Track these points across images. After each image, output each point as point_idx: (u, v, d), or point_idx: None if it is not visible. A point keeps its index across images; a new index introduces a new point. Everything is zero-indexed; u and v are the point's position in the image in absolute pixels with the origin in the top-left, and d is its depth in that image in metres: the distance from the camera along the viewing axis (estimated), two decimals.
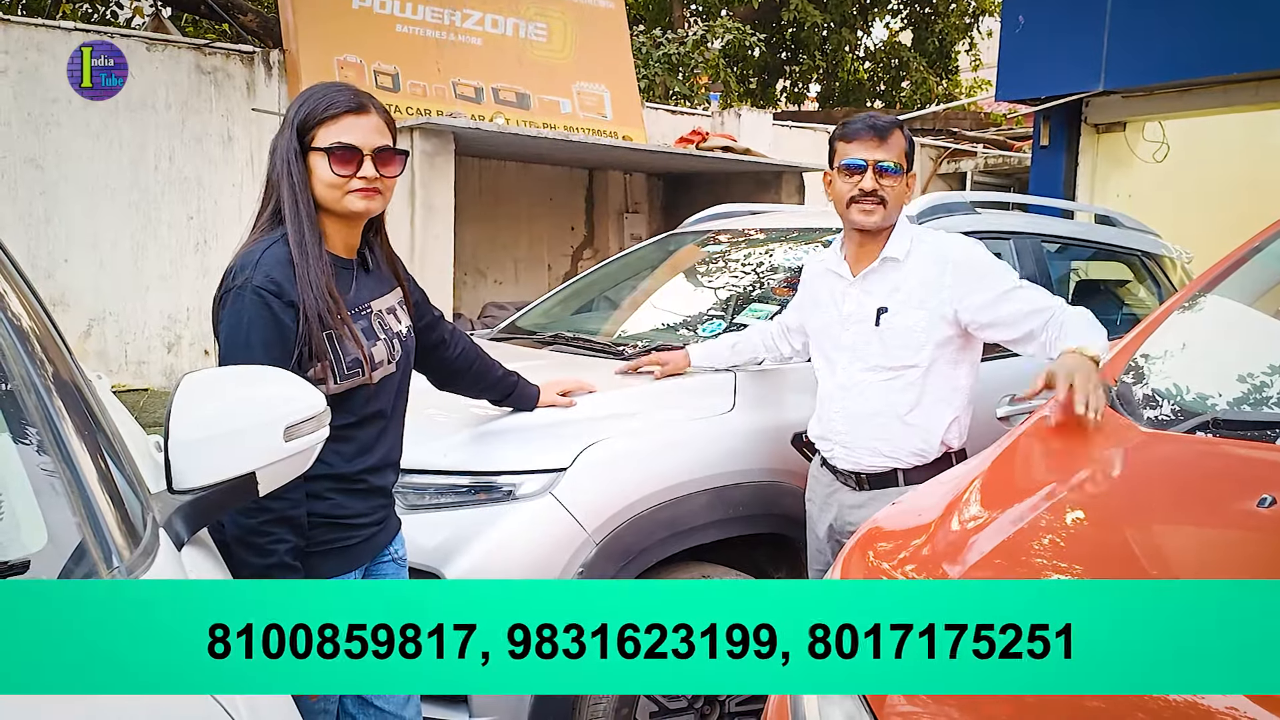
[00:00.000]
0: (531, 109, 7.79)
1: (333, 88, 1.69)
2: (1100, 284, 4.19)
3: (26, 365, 1.18)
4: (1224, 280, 2.09)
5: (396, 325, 1.80)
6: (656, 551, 2.29)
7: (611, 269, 3.85)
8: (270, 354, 1.56)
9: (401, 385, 1.82)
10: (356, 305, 1.71)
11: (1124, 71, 5.83)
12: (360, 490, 1.74)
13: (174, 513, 1.21)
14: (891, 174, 2.17)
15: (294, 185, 1.64)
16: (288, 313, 1.59)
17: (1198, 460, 1.57)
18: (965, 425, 2.27)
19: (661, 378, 2.55)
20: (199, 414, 1.23)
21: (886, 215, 2.18)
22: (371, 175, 1.65)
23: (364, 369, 1.66)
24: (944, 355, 2.19)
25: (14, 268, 1.70)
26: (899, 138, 2.20)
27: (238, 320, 1.58)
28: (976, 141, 11.11)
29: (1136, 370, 1.94)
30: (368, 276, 1.77)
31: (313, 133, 1.65)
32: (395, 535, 1.88)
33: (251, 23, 9.00)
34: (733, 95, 13.16)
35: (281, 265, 1.60)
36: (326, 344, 1.61)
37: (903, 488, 2.18)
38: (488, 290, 8.06)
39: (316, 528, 1.67)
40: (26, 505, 1.03)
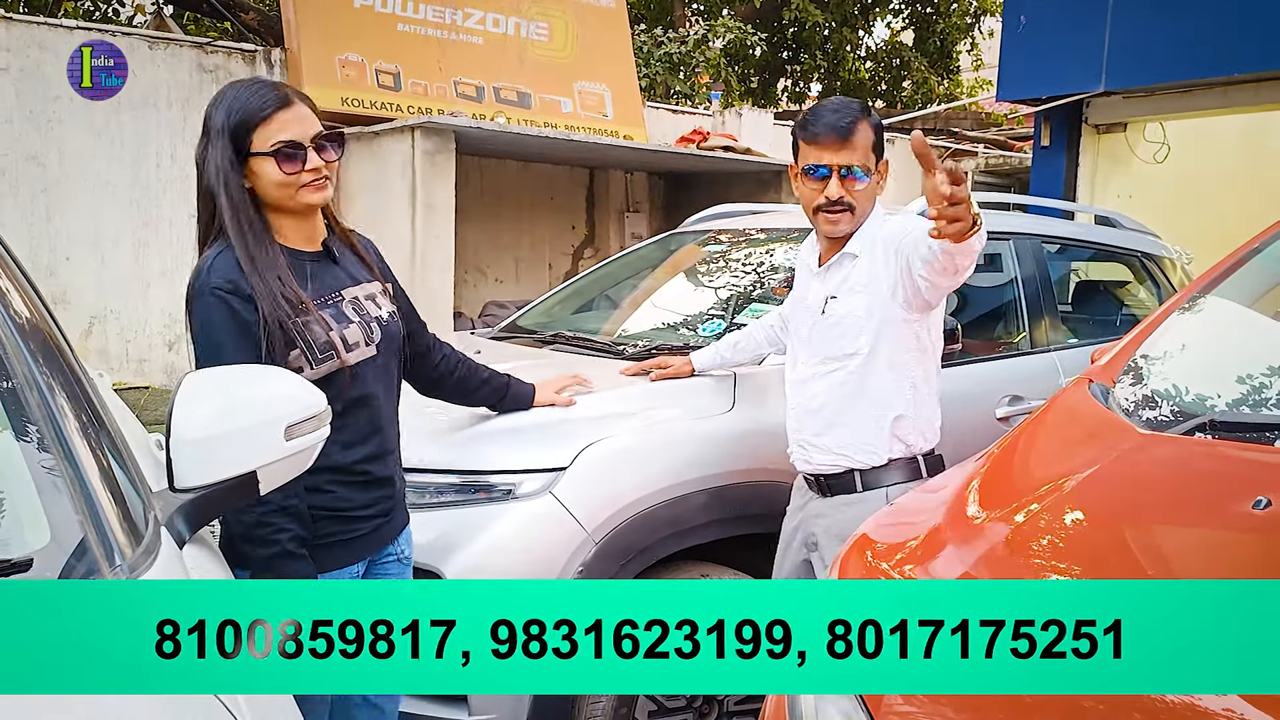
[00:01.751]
0: (533, 108, 7.80)
1: (252, 87, 1.67)
2: (1100, 285, 4.20)
3: (29, 363, 1.18)
4: (1223, 281, 2.09)
5: (376, 310, 1.80)
6: (656, 551, 2.30)
7: (612, 268, 3.86)
8: (239, 349, 1.60)
9: (387, 369, 1.81)
10: (324, 293, 1.72)
11: (1125, 72, 5.83)
12: (361, 482, 1.75)
13: (175, 511, 1.21)
14: (859, 179, 2.04)
15: (231, 195, 1.63)
16: (247, 308, 1.62)
17: (1195, 462, 1.58)
18: (925, 426, 2.16)
19: (657, 379, 2.54)
20: (201, 413, 1.23)
21: (856, 220, 2.07)
22: (318, 165, 1.66)
23: (336, 352, 1.68)
24: (888, 342, 2.07)
25: (16, 265, 1.71)
26: (864, 131, 2.03)
27: (203, 323, 1.63)
28: (977, 141, 11.11)
29: (1135, 371, 1.95)
30: (336, 266, 1.78)
31: (250, 137, 1.63)
32: (402, 531, 1.89)
33: (253, 21, 9.00)
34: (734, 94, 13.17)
35: (234, 267, 1.62)
36: (295, 332, 1.64)
37: (862, 493, 2.11)
38: (489, 289, 8.07)
39: (319, 520, 1.68)
40: (29, 503, 1.03)
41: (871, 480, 2.12)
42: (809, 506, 2.22)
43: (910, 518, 1.70)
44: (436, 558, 2.12)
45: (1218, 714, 1.02)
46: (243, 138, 1.63)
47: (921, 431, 2.15)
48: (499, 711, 2.11)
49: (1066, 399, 2.00)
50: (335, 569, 1.73)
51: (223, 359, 1.56)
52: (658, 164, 8.25)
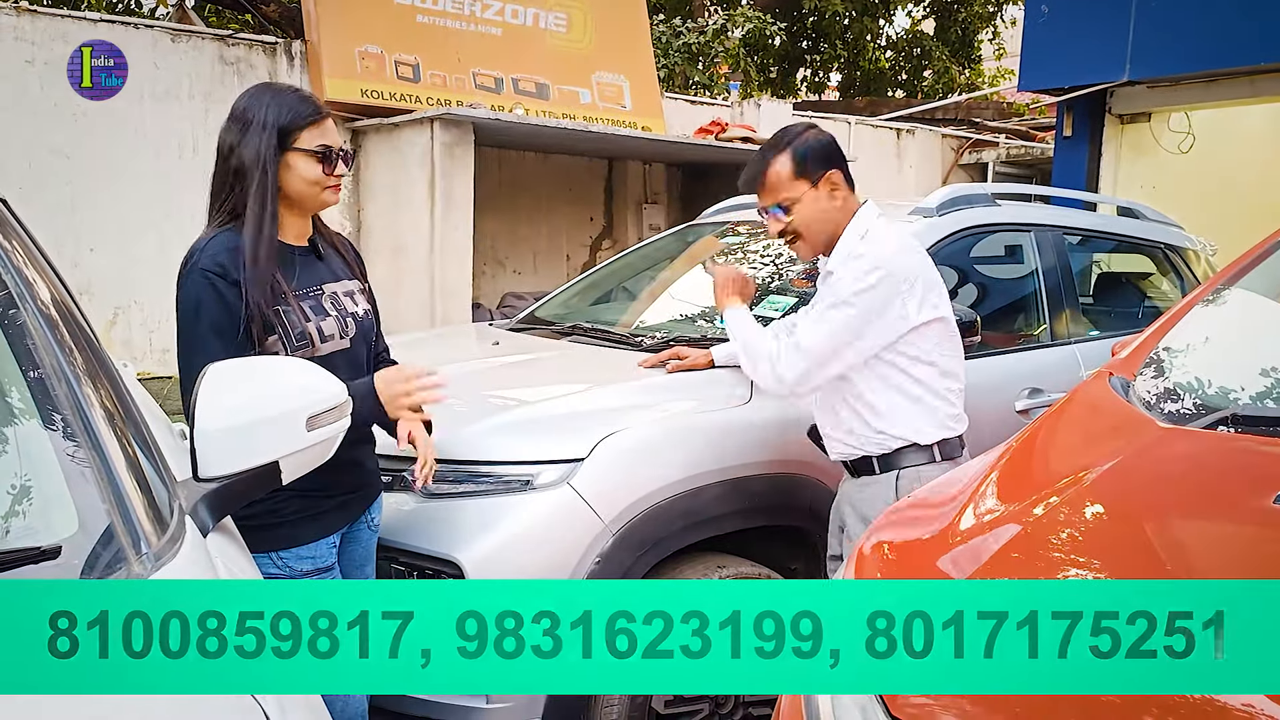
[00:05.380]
0: (551, 99, 7.79)
1: (300, 94, 1.88)
2: (1123, 276, 4.16)
3: (57, 353, 1.20)
4: (1248, 274, 2.07)
5: (353, 307, 1.95)
6: (673, 542, 2.31)
7: (630, 260, 3.86)
8: (217, 330, 1.75)
9: (356, 361, 1.94)
10: (307, 286, 1.87)
11: (1150, 61, 5.76)
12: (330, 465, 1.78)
13: (200, 500, 1.23)
14: (784, 212, 2.19)
15: (265, 181, 1.79)
16: (232, 292, 1.75)
17: (1217, 456, 1.57)
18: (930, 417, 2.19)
19: (674, 371, 2.55)
20: (224, 404, 1.25)
21: (813, 242, 2.22)
22: (342, 173, 1.88)
23: (311, 342, 1.82)
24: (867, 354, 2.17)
25: (43, 257, 1.74)
26: (775, 170, 2.18)
27: (188, 300, 1.77)
28: (999, 132, 11.01)
29: (1157, 364, 1.93)
30: (320, 262, 1.94)
31: (296, 135, 1.81)
32: (373, 503, 2.04)
33: (274, 13, 9.04)
34: (753, 85, 13.11)
35: (228, 251, 1.77)
36: (275, 319, 1.78)
37: (879, 475, 2.20)
38: (507, 280, 8.08)
39: (291, 499, 1.77)
40: (57, 491, 1.05)
41: (886, 463, 2.21)
42: (842, 489, 2.34)
43: (928, 511, 1.70)
44: (454, 548, 2.13)
45: (1236, 710, 1.01)
46: (289, 134, 1.81)
47: (927, 427, 2.19)
48: (516, 700, 2.13)
49: (1087, 392, 1.98)
50: (311, 541, 1.86)
51: (198, 334, 1.74)
52: (676, 155, 8.23)
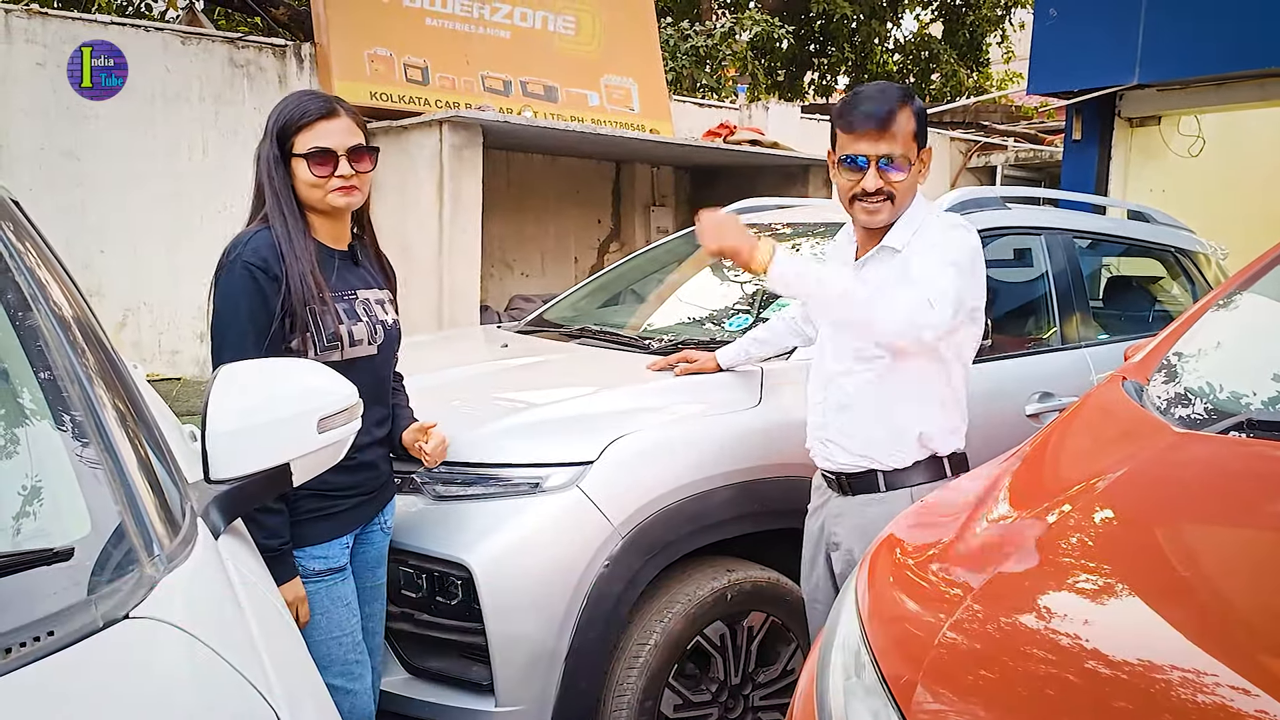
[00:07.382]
0: (559, 102, 7.80)
1: (305, 96, 1.89)
2: (1133, 280, 4.14)
3: (69, 355, 1.21)
4: (1261, 278, 2.06)
5: (383, 315, 1.97)
6: (682, 545, 2.30)
7: (638, 262, 3.86)
8: (254, 321, 1.77)
9: (381, 369, 1.98)
10: (341, 289, 1.89)
11: (1159, 64, 5.74)
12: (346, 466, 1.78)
13: (211, 502, 1.23)
14: (898, 170, 1.95)
15: (275, 188, 1.84)
16: (271, 286, 1.78)
17: (1231, 461, 1.56)
18: (952, 429, 2.10)
19: (683, 374, 2.55)
20: (236, 405, 1.26)
21: (895, 210, 2.00)
22: (348, 173, 1.85)
23: (341, 344, 1.84)
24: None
25: (55, 258, 1.74)
26: (906, 118, 1.94)
27: (228, 291, 1.79)
28: (1007, 135, 10.99)
29: (1170, 369, 1.92)
30: (357, 268, 1.96)
31: (291, 140, 1.84)
32: (386, 506, 2.06)
33: (283, 16, 9.07)
34: (760, 88, 13.10)
35: (270, 247, 1.80)
36: (309, 318, 1.80)
37: (886, 493, 2.06)
38: (515, 283, 8.09)
39: (305, 498, 1.80)
40: (70, 493, 1.05)
41: (894, 481, 2.08)
42: (829, 505, 2.19)
43: (940, 517, 1.69)
44: (463, 550, 2.13)
45: (1249, 716, 1.01)
46: (285, 139, 1.84)
47: (947, 435, 2.10)
48: (525, 703, 2.12)
49: (1100, 396, 1.97)
50: (325, 540, 1.87)
51: (236, 327, 1.75)
52: (684, 158, 8.24)
